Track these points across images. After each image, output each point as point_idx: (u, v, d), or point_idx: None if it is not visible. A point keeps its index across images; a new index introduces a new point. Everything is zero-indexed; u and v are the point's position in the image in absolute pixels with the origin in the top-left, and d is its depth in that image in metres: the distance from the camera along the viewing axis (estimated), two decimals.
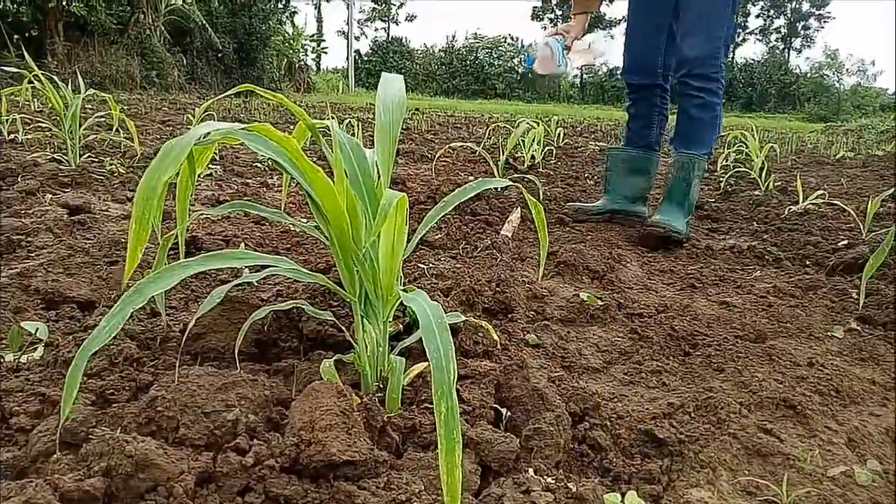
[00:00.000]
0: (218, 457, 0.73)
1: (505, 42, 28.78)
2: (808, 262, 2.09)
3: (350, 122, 4.25)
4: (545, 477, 0.82)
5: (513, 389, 0.97)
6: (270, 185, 3.01)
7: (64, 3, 10.15)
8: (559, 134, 5.83)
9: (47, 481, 0.64)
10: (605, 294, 1.65)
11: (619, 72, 6.50)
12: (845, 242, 2.24)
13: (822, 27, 29.66)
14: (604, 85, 27.50)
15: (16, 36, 10.07)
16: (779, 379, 1.19)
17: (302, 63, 18.33)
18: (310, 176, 0.80)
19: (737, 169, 4.12)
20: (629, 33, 2.52)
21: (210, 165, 3.07)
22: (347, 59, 25.83)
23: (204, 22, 13.15)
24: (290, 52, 17.24)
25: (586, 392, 1.04)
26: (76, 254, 1.62)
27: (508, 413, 0.93)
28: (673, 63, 2.38)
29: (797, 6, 31.29)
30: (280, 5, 17.13)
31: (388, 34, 30.44)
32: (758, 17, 31.66)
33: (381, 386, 0.94)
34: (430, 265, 1.70)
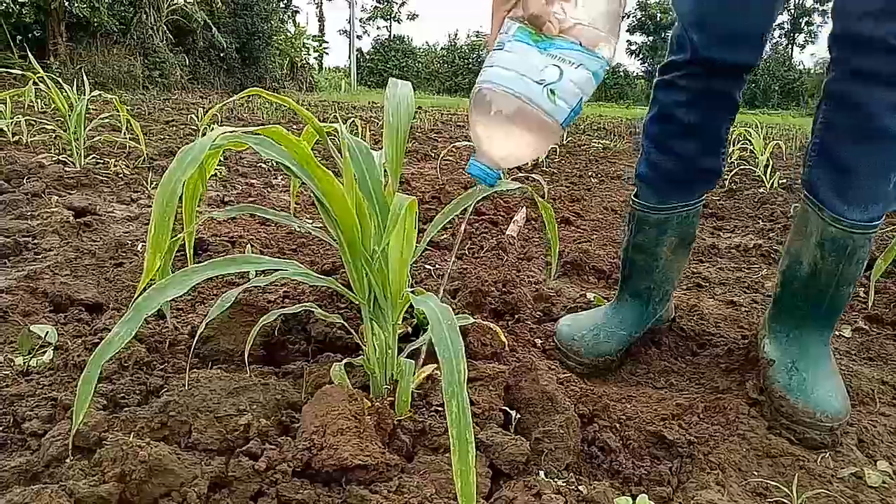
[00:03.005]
0: (230, 461, 0.73)
1: None
2: None
3: (354, 121, 4.25)
4: (556, 480, 0.82)
5: (522, 391, 0.97)
6: (274, 186, 3.01)
7: (66, 3, 10.17)
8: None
9: (62, 487, 0.64)
10: (612, 294, 1.65)
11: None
12: None
13: (826, 22, 29.49)
14: (605, 82, 27.44)
15: (18, 37, 10.09)
16: None
17: (304, 62, 18.37)
18: (319, 180, 0.80)
19: (741, 167, 4.11)
20: None
21: (215, 166, 3.07)
22: (349, 57, 25.85)
23: (207, 21, 13.17)
24: (293, 51, 17.27)
25: (595, 393, 1.04)
26: (83, 256, 1.63)
27: (518, 415, 0.93)
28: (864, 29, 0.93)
29: (800, 2, 31.19)
30: (282, 5, 17.16)
31: (389, 33, 30.43)
32: None
33: (391, 388, 0.94)
34: (437, 266, 1.70)
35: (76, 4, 10.16)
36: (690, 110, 1.15)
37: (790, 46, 31.04)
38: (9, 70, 3.36)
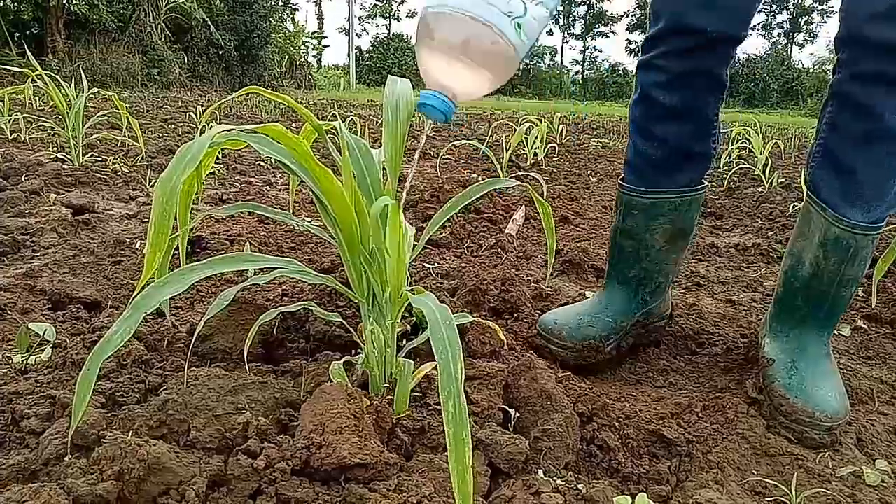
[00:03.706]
0: (229, 460, 0.73)
1: None
2: None
3: (353, 119, 4.25)
4: (554, 478, 0.82)
5: (521, 390, 0.97)
6: (273, 184, 3.01)
7: (65, 1, 10.15)
8: (561, 131, 5.82)
9: (60, 485, 0.64)
10: None
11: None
12: None
13: (825, 22, 29.54)
14: (605, 80, 27.40)
15: (17, 34, 10.07)
16: None
17: (303, 60, 18.36)
18: (319, 178, 0.80)
19: (740, 166, 4.11)
20: None
21: (213, 164, 3.07)
22: (348, 55, 25.83)
23: (206, 19, 13.15)
24: (292, 49, 17.25)
25: (594, 392, 1.04)
26: (81, 254, 1.63)
27: (517, 414, 0.93)
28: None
29: (799, 1, 31.19)
30: (281, 2, 17.14)
31: (389, 31, 30.37)
32: (760, 11, 31.54)
33: (390, 387, 0.94)
34: (436, 264, 1.70)
35: (75, 2, 10.14)
36: (671, 92, 1.11)
37: (789, 45, 31.02)
38: (7, 67, 3.36)
